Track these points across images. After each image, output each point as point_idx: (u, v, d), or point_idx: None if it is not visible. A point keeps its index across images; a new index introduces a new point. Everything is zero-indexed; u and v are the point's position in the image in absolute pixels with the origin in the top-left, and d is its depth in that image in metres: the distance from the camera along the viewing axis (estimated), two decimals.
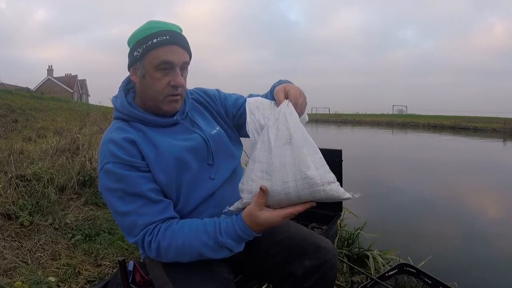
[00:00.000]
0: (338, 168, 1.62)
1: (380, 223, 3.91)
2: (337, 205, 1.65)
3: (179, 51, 0.99)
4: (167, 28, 0.99)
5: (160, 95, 1.00)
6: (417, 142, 16.07)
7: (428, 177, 7.24)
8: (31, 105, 12.96)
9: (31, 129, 7.62)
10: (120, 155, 0.94)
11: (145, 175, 0.95)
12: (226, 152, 1.13)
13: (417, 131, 23.70)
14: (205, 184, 1.04)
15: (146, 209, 0.92)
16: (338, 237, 2.46)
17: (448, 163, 9.40)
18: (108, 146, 0.96)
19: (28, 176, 3.08)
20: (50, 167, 3.48)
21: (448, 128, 26.95)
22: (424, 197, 5.57)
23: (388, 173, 7.75)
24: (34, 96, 18.64)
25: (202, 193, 1.03)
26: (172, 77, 0.99)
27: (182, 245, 0.89)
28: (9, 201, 2.76)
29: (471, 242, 3.69)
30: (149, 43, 0.97)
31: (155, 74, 0.98)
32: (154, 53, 0.97)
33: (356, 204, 3.96)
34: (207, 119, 1.17)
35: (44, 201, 2.92)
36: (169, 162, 0.98)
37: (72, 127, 6.26)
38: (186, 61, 1.01)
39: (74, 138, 4.45)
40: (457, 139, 17.75)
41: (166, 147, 0.99)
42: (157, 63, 0.97)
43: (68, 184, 3.42)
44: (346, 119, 40.07)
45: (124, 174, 0.92)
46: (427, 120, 32.65)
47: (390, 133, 22.03)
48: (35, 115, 10.73)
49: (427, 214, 4.68)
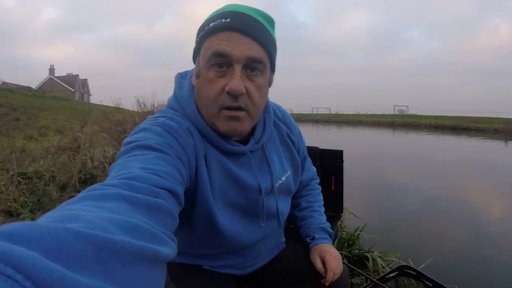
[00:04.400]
0: (339, 169, 1.62)
1: (381, 223, 3.90)
2: (338, 206, 1.65)
3: (243, 40, 0.67)
4: (235, 8, 0.71)
5: (212, 106, 0.71)
6: (418, 143, 16.03)
7: (430, 178, 7.22)
8: (33, 104, 13.00)
9: (32, 128, 7.64)
10: (176, 130, 0.69)
11: (180, 166, 0.63)
12: (285, 199, 0.94)
13: (418, 131, 23.65)
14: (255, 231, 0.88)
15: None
16: (338, 238, 2.46)
17: (449, 163, 9.37)
18: (164, 118, 0.72)
19: (29, 174, 3.11)
20: (51, 165, 3.50)
21: (450, 128, 26.86)
22: (426, 198, 5.55)
23: (389, 174, 7.72)
24: (36, 95, 18.69)
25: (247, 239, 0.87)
26: (228, 79, 0.69)
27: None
28: (11, 198, 2.78)
29: (473, 244, 3.68)
30: (205, 29, 0.70)
31: (208, 74, 0.70)
32: (208, 43, 0.70)
33: (357, 205, 3.95)
34: (281, 159, 0.90)
35: (45, 199, 2.93)
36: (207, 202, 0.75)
37: (73, 126, 6.29)
38: (254, 56, 0.68)
39: (75, 136, 4.51)
40: (459, 139, 17.71)
41: (214, 181, 0.76)
42: (208, 55, 0.69)
43: (70, 182, 3.44)
44: (347, 119, 39.89)
45: (162, 140, 0.64)
46: (429, 120, 32.58)
47: (391, 133, 21.98)
48: (36, 113, 10.75)
49: (429, 215, 4.67)
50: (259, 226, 0.87)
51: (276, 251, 1.02)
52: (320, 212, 1.07)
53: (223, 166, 0.77)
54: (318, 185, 1.15)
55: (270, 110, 0.86)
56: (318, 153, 1.58)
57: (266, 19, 0.74)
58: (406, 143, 16.08)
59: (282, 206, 0.91)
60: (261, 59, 0.70)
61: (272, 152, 0.87)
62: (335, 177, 1.61)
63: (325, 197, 1.17)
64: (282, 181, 0.89)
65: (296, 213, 1.09)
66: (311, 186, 1.12)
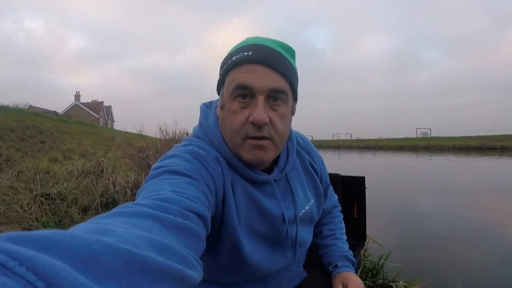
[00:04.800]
0: (361, 195, 1.58)
1: (406, 251, 3.75)
2: (361, 235, 1.60)
3: (265, 72, 0.70)
4: (256, 41, 0.74)
5: (237, 136, 0.72)
6: (443, 166, 15.61)
7: (457, 201, 6.96)
8: (59, 128, 13.43)
9: (57, 151, 7.87)
10: (205, 157, 0.71)
11: (208, 193, 0.63)
12: (308, 228, 0.94)
13: (442, 154, 23.07)
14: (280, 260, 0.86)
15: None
16: (362, 268, 2.38)
17: (476, 185, 9.04)
18: (193, 146, 0.74)
19: (52, 195, 3.18)
20: (74, 187, 3.58)
21: (474, 149, 26.15)
22: (453, 222, 5.33)
23: (414, 199, 7.50)
24: (61, 119, 19.38)
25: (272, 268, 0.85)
26: (252, 109, 0.70)
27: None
28: (33, 217, 2.84)
29: (504, 270, 3.47)
30: (228, 62, 0.73)
31: (232, 105, 0.72)
32: (231, 75, 0.72)
33: (381, 232, 3.83)
34: (304, 188, 0.90)
35: (67, 220, 2.98)
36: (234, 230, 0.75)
37: (97, 150, 6.43)
38: (276, 87, 0.70)
39: (99, 161, 4.60)
40: (484, 160, 17.17)
41: (240, 210, 0.76)
42: (232, 88, 0.71)
43: (91, 205, 3.49)
44: (369, 144, 39.53)
45: (191, 168, 0.65)
46: (452, 142, 31.89)
47: (415, 157, 21.50)
48: (62, 137, 11.10)
49: (456, 240, 4.46)
50: (284, 255, 0.85)
51: (298, 280, 0.99)
52: (342, 240, 1.05)
53: (248, 194, 0.77)
54: (340, 212, 1.13)
55: (293, 139, 0.87)
56: (339, 180, 1.55)
57: (287, 50, 0.76)
58: (430, 167, 15.70)
59: (304, 235, 0.89)
60: (283, 90, 0.71)
61: (296, 181, 0.87)
62: (357, 204, 1.57)
63: (347, 225, 1.14)
64: (306, 210, 0.88)
65: (318, 241, 1.07)
66: (333, 214, 1.10)
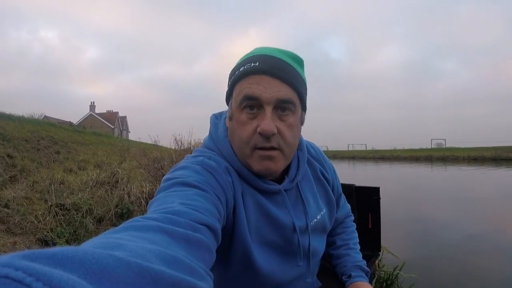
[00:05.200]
0: (376, 206, 1.56)
1: (421, 262, 3.68)
2: (376, 245, 1.58)
3: (272, 82, 0.70)
4: (263, 52, 0.74)
5: (246, 147, 0.73)
6: (458, 176, 15.31)
7: (472, 212, 6.80)
8: (73, 138, 13.61)
9: (72, 161, 7.95)
10: (215, 168, 0.72)
11: (218, 204, 0.65)
12: (321, 245, 0.93)
13: (457, 164, 22.66)
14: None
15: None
16: (376, 278, 2.35)
17: (491, 196, 8.83)
18: (203, 158, 0.75)
19: (67, 206, 3.21)
20: (89, 198, 3.61)
21: (489, 159, 25.62)
22: (469, 234, 5.21)
23: (429, 209, 7.36)
24: (76, 130, 19.65)
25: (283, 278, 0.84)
26: (260, 120, 0.71)
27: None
28: (47, 228, 2.87)
29: None
30: (236, 73, 0.74)
31: (240, 116, 0.73)
32: (239, 86, 0.73)
33: (396, 243, 3.76)
34: (316, 197, 0.89)
35: (81, 231, 3.01)
36: (245, 240, 0.74)
37: (112, 161, 6.46)
38: (283, 98, 0.70)
39: (113, 172, 4.62)
40: (499, 170, 16.79)
41: (251, 220, 0.76)
42: (240, 99, 0.72)
43: (106, 215, 3.52)
44: (384, 155, 39.20)
45: (201, 179, 0.67)
46: (467, 152, 31.36)
47: (430, 168, 21.15)
48: (76, 148, 11.24)
49: (473, 251, 4.35)
50: (297, 265, 0.84)
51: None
52: (355, 250, 1.04)
53: (258, 204, 0.77)
54: (353, 222, 1.12)
55: (303, 149, 0.87)
56: (354, 191, 1.55)
57: (295, 59, 0.76)
58: (445, 177, 15.42)
59: (316, 245, 0.89)
60: (291, 100, 0.71)
61: (307, 190, 0.87)
62: (372, 214, 1.56)
63: (362, 235, 1.13)
64: (317, 220, 0.87)
65: (331, 252, 1.06)
66: (345, 224, 1.10)
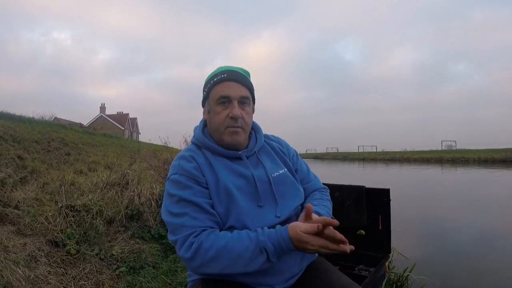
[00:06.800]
0: (386, 207, 1.56)
1: (431, 264, 3.64)
2: (386, 246, 1.57)
3: (236, 86, 1.13)
4: (227, 68, 1.17)
5: (221, 127, 1.14)
6: (468, 178, 15.13)
7: (483, 214, 6.72)
8: (84, 140, 13.76)
9: (82, 163, 8.00)
10: (187, 169, 1.09)
11: (204, 190, 1.08)
12: (292, 192, 1.19)
13: (467, 166, 22.38)
14: (268, 223, 1.07)
15: (198, 215, 1.03)
16: (386, 280, 2.33)
17: (504, 198, 8.71)
18: (179, 161, 1.13)
19: (77, 207, 3.23)
20: (99, 199, 3.62)
21: (499, 161, 25.29)
22: (479, 236, 5.15)
23: (439, 211, 7.29)
24: (86, 131, 19.86)
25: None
26: (230, 110, 1.11)
27: (224, 246, 0.96)
28: (58, 229, 2.90)
29: None
30: (211, 82, 1.16)
31: (216, 109, 1.14)
32: (214, 90, 1.15)
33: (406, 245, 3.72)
34: (275, 160, 1.25)
35: (91, 232, 3.03)
36: (221, 191, 1.08)
37: (122, 162, 6.49)
38: (244, 95, 1.14)
39: (124, 173, 4.61)
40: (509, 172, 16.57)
41: (222, 176, 1.10)
42: (217, 98, 1.13)
43: (116, 217, 3.53)
44: (394, 156, 38.96)
45: (188, 185, 1.07)
46: (477, 154, 30.87)
47: (440, 170, 20.91)
48: (87, 149, 11.35)
49: (483, 254, 4.29)
50: (258, 205, 1.10)
51: (306, 262, 1.19)
52: (319, 206, 1.18)
53: (228, 166, 1.14)
54: (327, 195, 1.33)
55: (260, 132, 1.29)
56: (364, 192, 1.54)
57: (246, 72, 1.20)
58: (456, 179, 15.25)
59: (281, 190, 1.15)
60: (248, 96, 1.16)
61: (264, 156, 1.24)
62: (382, 216, 1.55)
63: (372, 237, 1.14)
64: (279, 174, 1.19)
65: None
66: (315, 194, 1.29)
